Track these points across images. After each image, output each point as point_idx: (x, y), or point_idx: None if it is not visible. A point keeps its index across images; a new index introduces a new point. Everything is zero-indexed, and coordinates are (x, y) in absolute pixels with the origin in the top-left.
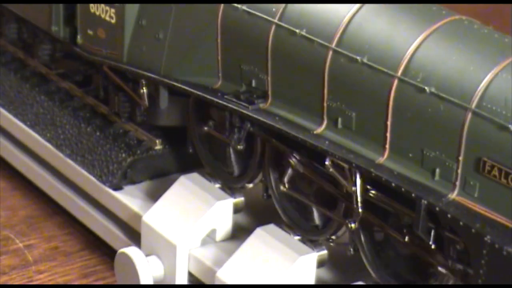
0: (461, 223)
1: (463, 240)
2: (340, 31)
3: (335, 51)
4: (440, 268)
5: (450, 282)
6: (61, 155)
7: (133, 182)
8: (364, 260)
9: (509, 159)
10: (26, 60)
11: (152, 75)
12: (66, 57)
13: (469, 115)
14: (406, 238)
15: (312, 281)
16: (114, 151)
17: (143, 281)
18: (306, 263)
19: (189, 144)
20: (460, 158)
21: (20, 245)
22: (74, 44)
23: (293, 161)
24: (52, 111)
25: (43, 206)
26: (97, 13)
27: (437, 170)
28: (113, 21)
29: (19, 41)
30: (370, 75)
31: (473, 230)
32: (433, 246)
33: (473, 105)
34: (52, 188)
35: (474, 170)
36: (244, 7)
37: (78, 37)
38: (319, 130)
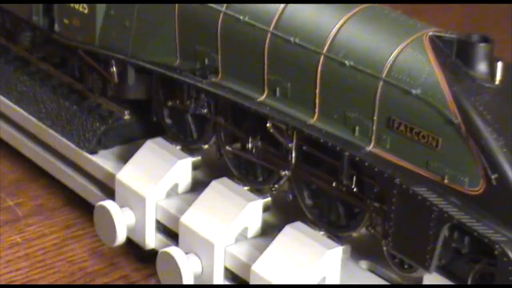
0: (376, 169)
1: (378, 183)
2: (277, 16)
3: (273, 34)
4: (361, 207)
5: (371, 221)
6: (43, 126)
7: (106, 147)
8: (301, 204)
9: (412, 117)
10: (9, 46)
11: (121, 56)
12: (45, 42)
13: (381, 83)
14: (334, 184)
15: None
16: (89, 122)
17: (118, 228)
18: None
19: (153, 113)
20: (374, 118)
21: (11, 203)
22: (52, 31)
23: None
24: (34, 89)
25: (29, 170)
26: (72, 4)
27: (357, 128)
28: (86, 11)
29: (2, 29)
30: (302, 52)
31: (385, 175)
32: (355, 189)
33: (383, 75)
34: (36, 155)
35: (385, 127)
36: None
37: (56, 25)
38: (261, 98)
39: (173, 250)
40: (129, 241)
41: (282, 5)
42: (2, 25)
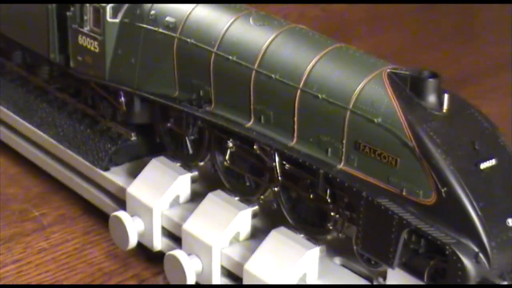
0: (346, 184)
1: (348, 195)
2: (260, 56)
3: (257, 71)
4: (334, 214)
5: (343, 226)
6: (62, 147)
7: (116, 164)
8: (284, 212)
9: (375, 141)
10: (29, 78)
11: (128, 89)
12: (61, 75)
13: (348, 113)
14: (311, 196)
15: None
16: (102, 143)
17: (130, 233)
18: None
19: (156, 136)
20: (344, 141)
21: (36, 214)
22: (67, 67)
23: (231, 145)
24: (53, 115)
25: (51, 185)
26: (84, 44)
27: (329, 150)
28: (97, 50)
29: (23, 64)
30: (282, 87)
31: (354, 189)
32: (329, 200)
33: (350, 106)
34: (56, 171)
35: (353, 148)
36: (192, 40)
37: (71, 62)
38: (249, 124)
39: (177, 252)
40: (139, 245)
41: (264, 46)
42: (23, 60)
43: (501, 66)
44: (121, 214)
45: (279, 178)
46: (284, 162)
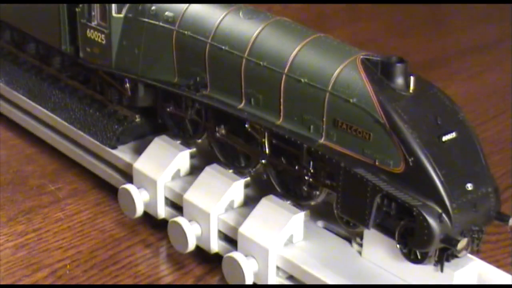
0: (327, 156)
1: (328, 166)
2: (250, 45)
3: (247, 59)
4: (318, 183)
5: (323, 192)
6: (74, 128)
7: (123, 143)
8: (273, 182)
9: (351, 118)
10: (42, 67)
11: (133, 76)
12: (71, 65)
13: (327, 94)
14: (296, 167)
15: (241, 197)
16: (109, 124)
17: (137, 204)
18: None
19: (158, 117)
20: (324, 119)
21: (52, 188)
22: (77, 57)
23: (223, 125)
24: (65, 100)
25: (64, 162)
26: (92, 37)
27: (311, 127)
28: (103, 42)
29: (36, 54)
30: (269, 72)
31: (333, 160)
32: (312, 170)
33: (329, 88)
34: (69, 150)
35: (332, 125)
36: (189, 32)
37: (80, 52)
38: (240, 106)
39: (180, 219)
40: (145, 214)
41: (253, 37)
42: (36, 51)
43: (466, 50)
44: (129, 186)
45: (268, 152)
46: (272, 138)
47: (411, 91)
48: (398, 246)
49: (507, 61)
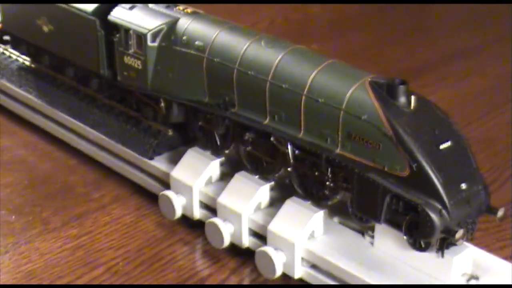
0: (343, 163)
1: (344, 171)
2: (272, 70)
3: (270, 82)
4: (335, 186)
5: (340, 194)
6: (113, 142)
7: (158, 154)
8: (295, 186)
9: (363, 132)
10: (80, 89)
11: (168, 97)
12: (108, 87)
13: (342, 112)
14: (316, 173)
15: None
16: (145, 138)
17: (176, 207)
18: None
19: (189, 131)
20: (339, 133)
21: (97, 195)
22: (115, 80)
23: (250, 138)
24: (103, 117)
25: (103, 172)
26: (129, 63)
27: (329, 139)
28: (140, 67)
29: (74, 77)
30: (290, 93)
31: (349, 167)
32: (330, 176)
33: (343, 107)
34: (108, 161)
35: (347, 138)
36: (218, 59)
37: (118, 76)
38: (266, 122)
39: (215, 219)
40: (182, 216)
41: (275, 63)
42: (75, 74)
43: (451, 56)
44: (168, 192)
45: (291, 160)
46: (294, 149)
47: (412, 107)
48: (404, 237)
49: (489, 65)
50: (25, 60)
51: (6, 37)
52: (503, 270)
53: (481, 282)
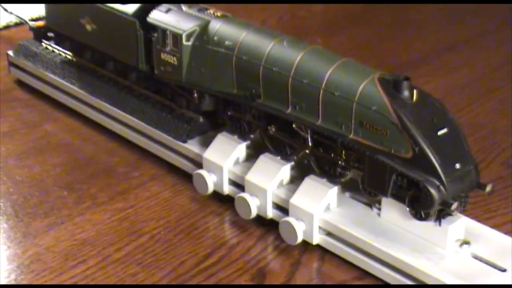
0: (356, 147)
1: (356, 154)
2: (294, 67)
3: (292, 77)
4: (348, 166)
5: (351, 173)
6: (150, 127)
7: (191, 138)
8: (313, 165)
9: (373, 120)
10: (120, 80)
11: (200, 88)
12: (145, 79)
13: (355, 104)
14: (332, 155)
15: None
16: (179, 124)
17: (208, 183)
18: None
19: (218, 118)
20: (352, 121)
21: (137, 174)
22: (153, 73)
23: (274, 125)
24: (140, 106)
25: (142, 154)
26: (166, 59)
27: (343, 126)
28: (176, 63)
29: (114, 70)
30: (310, 87)
31: (361, 150)
32: (344, 157)
33: (356, 99)
34: (146, 144)
35: (359, 125)
36: (246, 57)
37: (155, 70)
38: (288, 111)
39: (244, 194)
40: (214, 191)
41: (297, 61)
42: (114, 68)
43: (442, 50)
44: (201, 171)
45: (310, 144)
46: (313, 134)
47: (414, 100)
48: (408, 209)
49: (475, 58)
50: (68, 54)
51: (50, 34)
52: (490, 236)
53: (472, 246)
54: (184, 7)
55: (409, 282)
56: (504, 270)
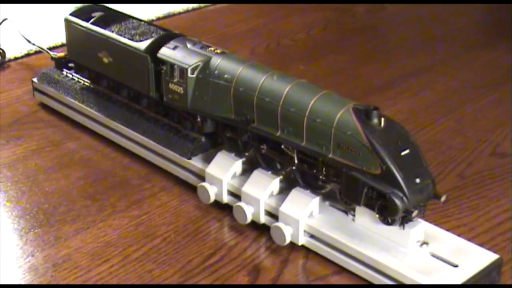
0: (334, 165)
1: (334, 170)
2: (283, 98)
3: (281, 107)
4: (327, 180)
5: (330, 186)
6: (160, 146)
7: (195, 155)
8: (299, 179)
9: (348, 143)
10: (132, 105)
11: (202, 114)
12: (156, 105)
13: (333, 129)
14: (314, 171)
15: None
16: (185, 143)
17: (210, 194)
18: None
19: (218, 139)
20: (331, 143)
21: (149, 186)
22: (161, 100)
23: (265, 146)
24: (151, 127)
25: (152, 169)
26: (173, 88)
27: (324, 147)
28: (182, 92)
29: (128, 97)
30: (296, 115)
31: (338, 167)
32: (324, 173)
33: (334, 125)
34: (156, 160)
35: (337, 147)
36: (242, 88)
37: (164, 98)
38: (278, 134)
39: (241, 203)
40: (215, 201)
41: (285, 92)
42: (128, 95)
43: (407, 74)
44: (204, 183)
45: (296, 161)
46: (299, 154)
47: (382, 126)
48: (377, 215)
49: (436, 82)
50: (86, 82)
51: (70, 64)
52: (445, 238)
53: (430, 246)
54: (188, 45)
55: (378, 276)
56: (456, 266)
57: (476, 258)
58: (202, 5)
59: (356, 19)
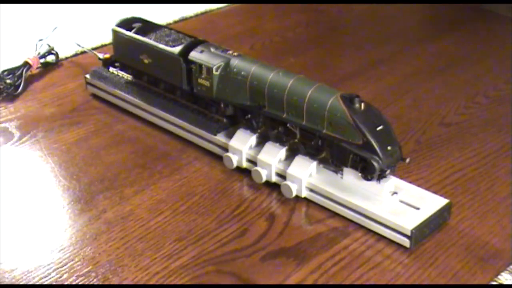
0: (328, 138)
1: (328, 141)
2: (287, 89)
3: (286, 95)
4: (322, 149)
5: (325, 153)
6: (191, 126)
7: (220, 132)
8: (300, 150)
9: (338, 122)
10: (168, 95)
11: (225, 101)
12: (187, 95)
13: (326, 112)
14: (312, 143)
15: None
16: (212, 123)
17: (233, 160)
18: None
19: (238, 120)
20: (325, 122)
21: (184, 156)
22: (192, 91)
23: (276, 125)
24: (184, 112)
25: (187, 144)
26: (202, 82)
27: (319, 124)
28: (208, 85)
29: (164, 88)
30: (298, 102)
31: (330, 139)
32: (320, 144)
33: (327, 109)
34: (190, 137)
35: (329, 124)
36: (255, 82)
37: (194, 89)
38: (284, 116)
39: (257, 167)
40: (237, 166)
41: (289, 85)
42: (165, 87)
43: (373, 63)
44: (228, 154)
45: (298, 136)
46: (301, 130)
47: (362, 109)
48: (360, 174)
49: (396, 69)
50: (129, 78)
51: (117, 64)
52: (409, 188)
53: (398, 195)
54: (212, 49)
55: (361, 218)
56: (418, 208)
57: (432, 203)
58: (208, 9)
59: (331, 18)
